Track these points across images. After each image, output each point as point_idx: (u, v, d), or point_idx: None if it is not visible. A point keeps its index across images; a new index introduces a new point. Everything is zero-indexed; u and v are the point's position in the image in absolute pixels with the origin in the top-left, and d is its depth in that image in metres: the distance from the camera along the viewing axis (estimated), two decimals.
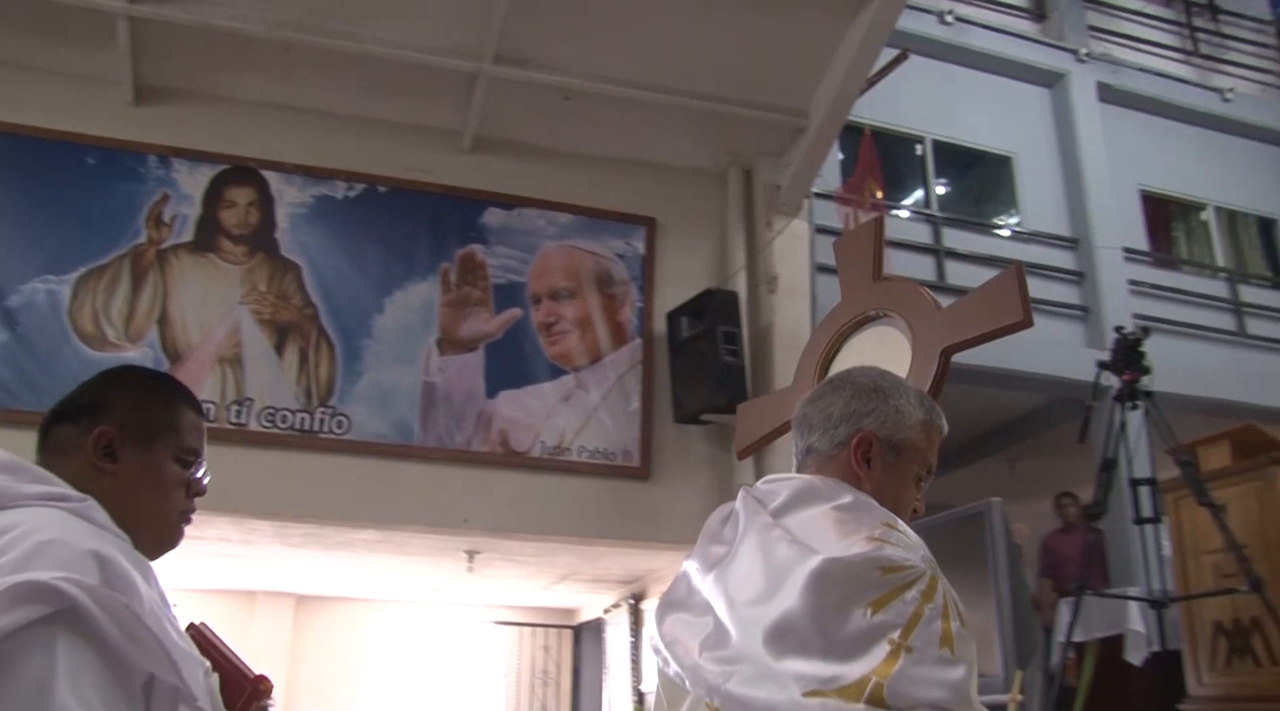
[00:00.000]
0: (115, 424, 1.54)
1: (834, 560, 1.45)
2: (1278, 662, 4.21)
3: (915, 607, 1.41)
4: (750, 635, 1.46)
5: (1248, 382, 9.51)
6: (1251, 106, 11.05)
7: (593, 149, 6.42)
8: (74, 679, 1.20)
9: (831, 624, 1.41)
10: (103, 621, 1.24)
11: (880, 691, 1.34)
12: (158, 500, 1.56)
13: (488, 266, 6.10)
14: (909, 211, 9.32)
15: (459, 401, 5.85)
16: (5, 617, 1.17)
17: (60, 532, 1.31)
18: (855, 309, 3.54)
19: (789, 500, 1.58)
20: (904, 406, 1.69)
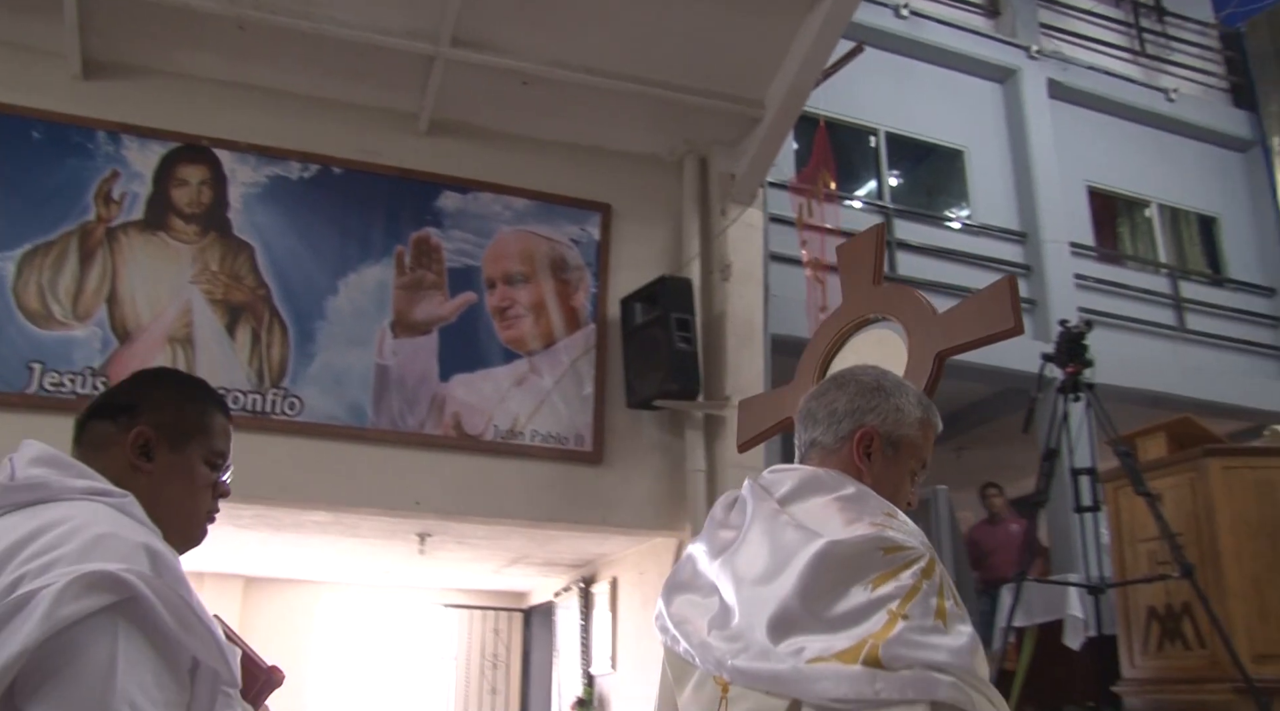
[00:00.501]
0: (152, 425, 1.61)
1: (837, 542, 1.53)
2: (1206, 646, 4.35)
3: (914, 582, 1.49)
4: (754, 615, 1.54)
5: (1186, 376, 9.75)
6: (1194, 107, 11.30)
7: (549, 134, 6.43)
8: (132, 664, 1.28)
9: (832, 601, 1.50)
10: (160, 610, 1.32)
11: (876, 652, 1.43)
12: (188, 499, 1.63)
13: (442, 250, 6.10)
14: (862, 202, 9.43)
15: (412, 384, 5.85)
16: (75, 605, 1.26)
17: (113, 526, 1.39)
18: (856, 311, 3.66)
19: (795, 489, 1.68)
20: (904, 405, 1.78)
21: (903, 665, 1.42)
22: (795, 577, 1.53)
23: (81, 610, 1.26)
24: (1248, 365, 10.63)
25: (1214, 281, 11.04)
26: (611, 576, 7.55)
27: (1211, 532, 4.47)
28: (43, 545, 1.34)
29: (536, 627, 9.90)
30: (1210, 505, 4.51)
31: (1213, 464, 4.56)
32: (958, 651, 1.45)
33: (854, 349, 3.91)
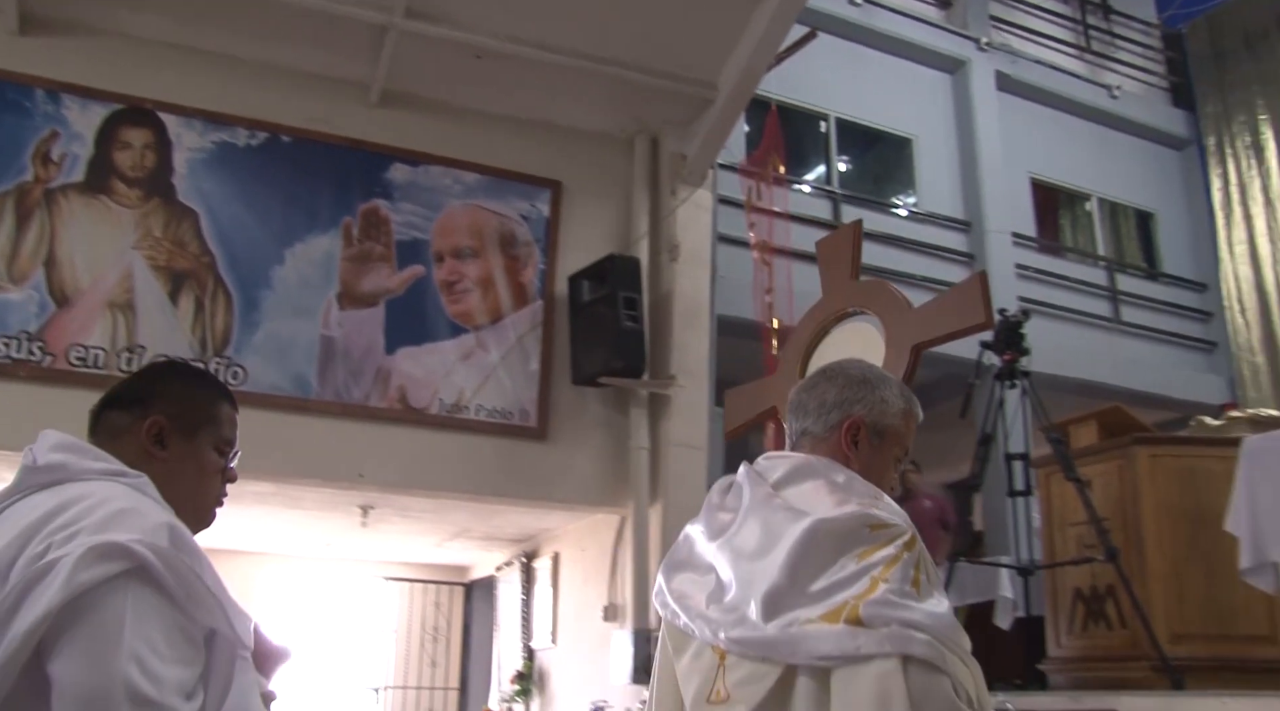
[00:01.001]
0: (165, 414, 1.73)
1: (826, 519, 1.66)
2: (1127, 626, 4.50)
3: (896, 552, 1.62)
4: (748, 589, 1.67)
5: (1120, 367, 10.00)
6: (1137, 105, 11.55)
7: (501, 109, 6.42)
8: (140, 622, 1.40)
9: (821, 574, 1.62)
10: (167, 578, 1.43)
11: (856, 611, 1.55)
12: (199, 484, 1.76)
13: (391, 222, 6.07)
14: (810, 187, 9.52)
15: (358, 356, 5.84)
16: (91, 571, 1.38)
17: (133, 503, 1.52)
18: (835, 305, 3.82)
19: (788, 474, 1.80)
20: (888, 396, 1.90)
21: (881, 622, 1.54)
22: (786, 553, 1.64)
23: (97, 576, 1.37)
24: (1178, 357, 10.93)
25: (1149, 275, 11.31)
26: (553, 551, 7.60)
27: (1136, 518, 4.60)
28: (68, 518, 1.45)
29: (478, 601, 9.93)
30: (1136, 491, 4.64)
31: (1140, 452, 4.69)
32: (933, 615, 1.56)
33: (834, 341, 4.04)
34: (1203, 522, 4.37)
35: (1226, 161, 11.17)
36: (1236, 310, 10.85)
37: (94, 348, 5.33)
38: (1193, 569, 4.47)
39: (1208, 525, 4.22)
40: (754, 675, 1.60)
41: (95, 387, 5.28)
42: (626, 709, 5.06)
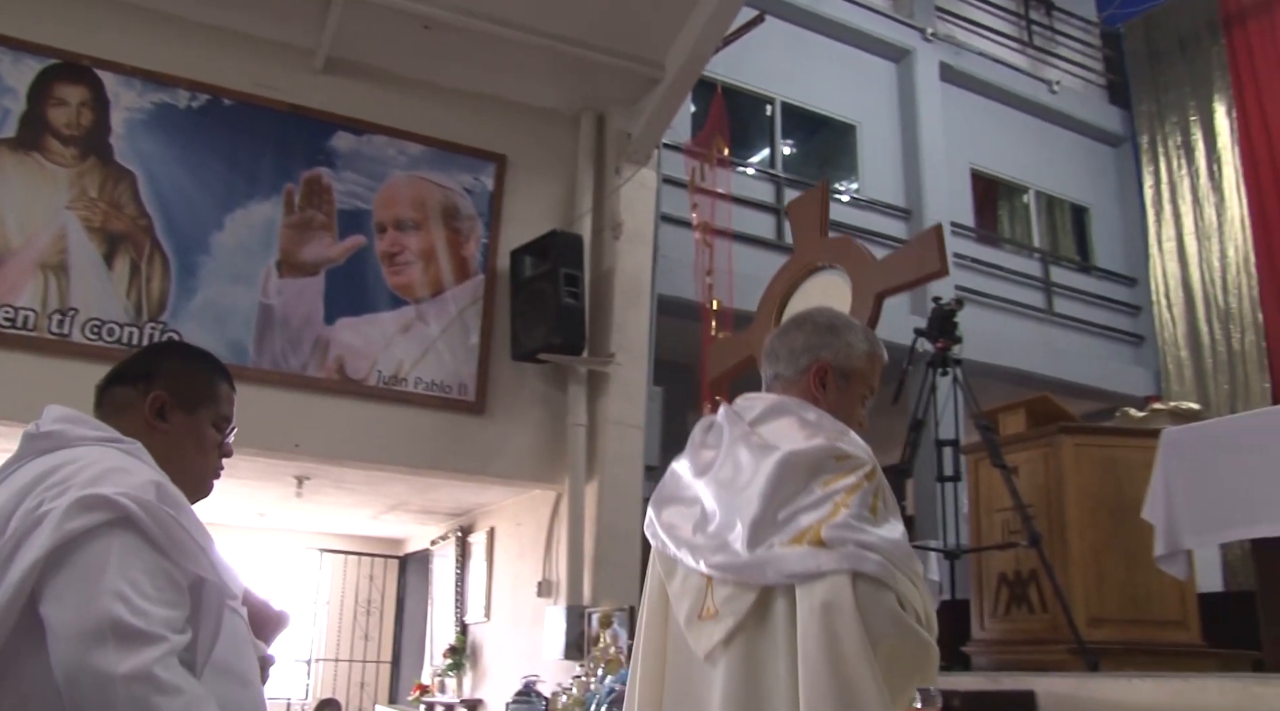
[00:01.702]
0: (168, 390, 1.85)
1: (796, 451, 1.85)
2: (1048, 610, 4.61)
3: (857, 481, 1.80)
4: (729, 517, 1.86)
5: (1052, 357, 10.23)
6: (1075, 100, 11.77)
7: (448, 81, 6.37)
8: (124, 565, 1.48)
9: (792, 500, 1.81)
10: (151, 527, 1.52)
11: (818, 534, 1.74)
12: (198, 457, 1.88)
13: (333, 191, 6.01)
14: (755, 170, 9.58)
15: (296, 325, 5.78)
16: (76, 521, 1.48)
17: (122, 463, 1.62)
18: (806, 259, 4.03)
19: (763, 413, 1.99)
20: (853, 341, 2.09)
21: (839, 544, 1.72)
22: (762, 482, 1.83)
23: (83, 524, 1.47)
24: (1108, 350, 11.21)
25: (1082, 268, 11.57)
26: (489, 526, 7.61)
27: (1060, 505, 4.71)
28: (61, 476, 1.56)
29: (412, 575, 9.92)
30: (1060, 479, 4.75)
31: (1065, 441, 4.78)
32: (887, 539, 1.74)
33: (805, 293, 4.21)
34: (1123, 511, 4.48)
35: (1159, 160, 11.44)
36: (1164, 305, 11.15)
37: (24, 309, 5.21)
38: (1112, 555, 4.59)
39: (1128, 513, 4.34)
40: (736, 594, 1.80)
41: (24, 350, 5.21)
42: (558, 683, 5.10)
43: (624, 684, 4.07)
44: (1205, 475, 3.79)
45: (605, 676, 4.45)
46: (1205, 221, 10.84)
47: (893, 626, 1.70)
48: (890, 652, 1.70)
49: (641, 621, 2.03)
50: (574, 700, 4.61)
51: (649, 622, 2.00)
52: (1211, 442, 3.87)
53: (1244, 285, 10.29)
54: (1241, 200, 10.45)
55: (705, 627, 1.83)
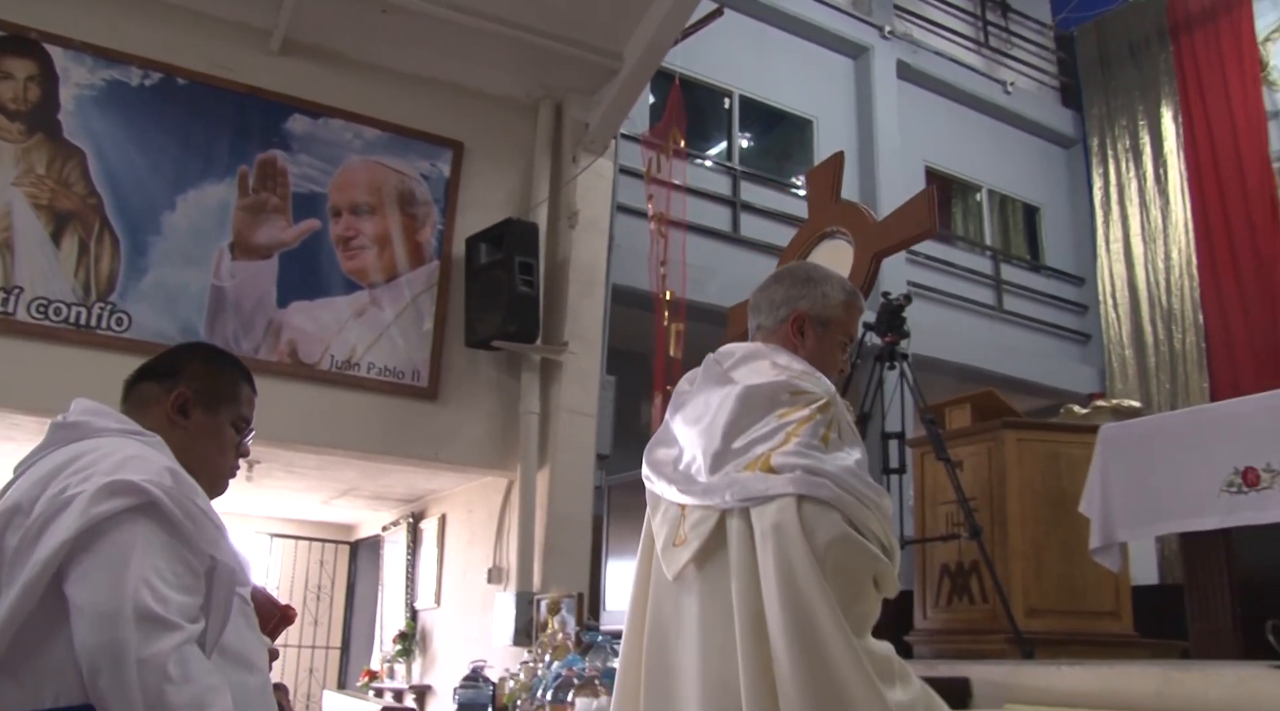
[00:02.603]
0: (191, 388, 1.93)
1: (752, 385, 2.01)
2: (988, 601, 4.71)
3: (809, 414, 1.94)
4: (695, 452, 2.03)
5: (1000, 353, 10.39)
6: (1029, 101, 11.95)
7: (406, 66, 6.35)
8: (148, 550, 1.56)
9: (748, 431, 1.96)
10: (174, 511, 1.61)
11: (768, 461, 1.89)
12: (216, 455, 1.96)
13: (288, 173, 5.97)
14: (712, 162, 9.63)
15: (248, 308, 5.74)
16: (102, 506, 1.55)
17: (141, 452, 1.71)
18: (817, 226, 4.33)
19: (740, 358, 2.15)
20: (829, 291, 2.22)
21: (787, 469, 1.86)
22: (723, 416, 1.99)
23: (109, 509, 1.55)
24: (1055, 347, 11.41)
25: (1032, 267, 11.76)
26: (441, 513, 7.61)
27: (1002, 498, 4.80)
28: (84, 463, 1.64)
29: (363, 561, 9.89)
30: (1003, 473, 4.84)
31: (1008, 436, 4.87)
32: (838, 466, 1.87)
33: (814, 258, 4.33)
34: (1063, 505, 4.58)
35: (1108, 162, 11.65)
36: (1110, 305, 11.37)
37: None
38: (1051, 548, 4.69)
39: (1067, 507, 4.43)
40: (701, 519, 1.96)
41: None
42: (506, 669, 5.13)
43: (571, 669, 4.12)
44: (1139, 471, 3.89)
45: (552, 662, 4.49)
46: (1151, 224, 11.06)
47: (836, 542, 1.82)
48: (837, 565, 1.81)
49: (637, 557, 2.18)
50: (521, 685, 4.65)
51: (640, 557, 2.16)
52: (1146, 439, 3.97)
53: (1186, 287, 10.52)
54: (1186, 204, 10.68)
55: (676, 552, 1.99)
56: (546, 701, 3.98)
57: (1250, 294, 9.88)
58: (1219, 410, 4.01)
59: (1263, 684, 2.40)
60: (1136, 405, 5.99)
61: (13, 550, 1.56)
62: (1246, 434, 3.55)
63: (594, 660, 4.17)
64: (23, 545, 1.55)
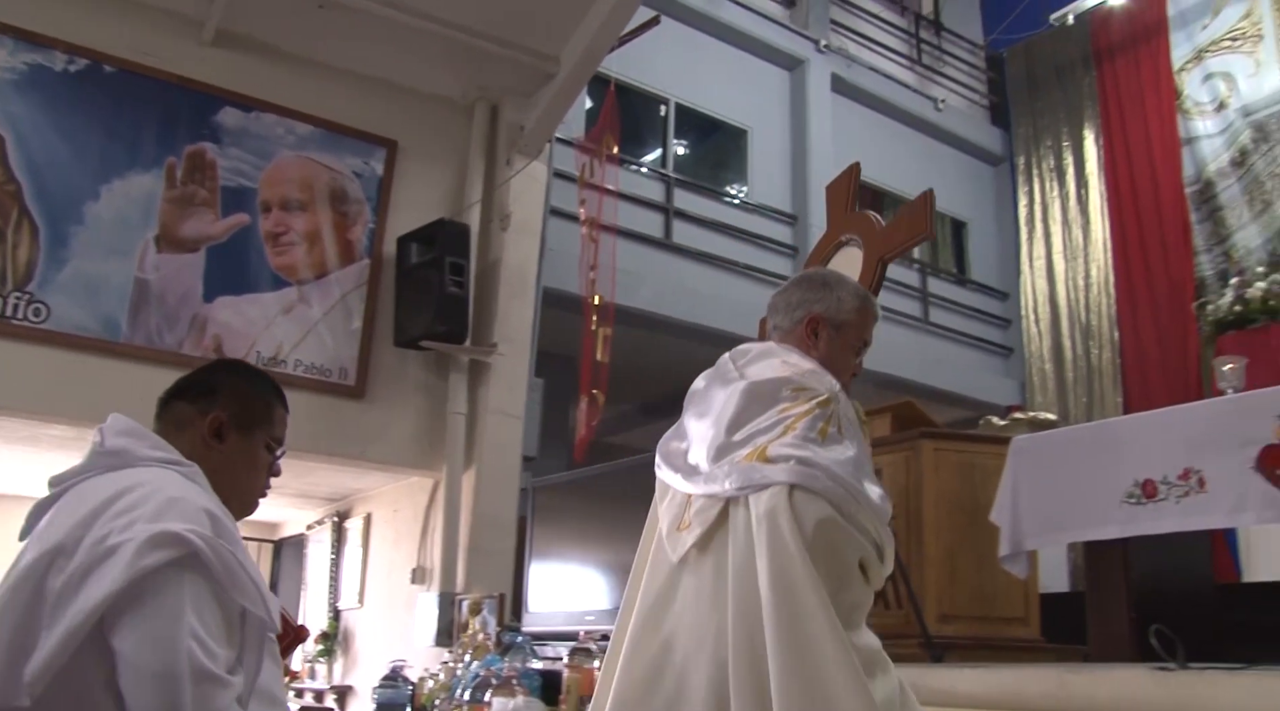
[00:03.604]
0: (227, 411, 1.96)
1: (756, 381, 2.13)
2: (903, 607, 4.84)
3: (809, 408, 2.04)
4: (701, 444, 2.14)
5: (925, 365, 10.59)
6: (959, 119, 12.21)
7: (342, 62, 6.31)
8: (197, 605, 1.60)
9: (749, 424, 2.06)
10: (215, 564, 1.64)
11: (765, 452, 1.99)
12: (248, 477, 2.01)
13: (218, 167, 5.90)
14: (646, 169, 9.70)
15: (173, 302, 5.66)
16: (149, 558, 1.57)
17: (181, 491, 1.73)
18: (834, 235, 4.67)
19: (753, 356, 2.26)
20: (843, 296, 2.35)
21: (782, 460, 1.96)
22: (729, 410, 2.10)
23: (155, 562, 1.58)
24: (978, 360, 11.67)
25: (958, 281, 12.01)
26: (366, 512, 7.57)
27: (918, 506, 4.91)
28: (124, 505, 1.66)
29: (286, 560, 9.76)
30: (920, 482, 4.95)
31: (925, 445, 4.98)
32: (833, 460, 1.97)
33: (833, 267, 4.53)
34: (977, 514, 4.70)
35: (1033, 181, 11.95)
36: (1032, 320, 11.65)
37: None
38: (965, 555, 4.81)
39: (981, 516, 4.55)
40: (705, 507, 2.06)
41: None
42: (425, 669, 5.13)
43: (489, 669, 4.14)
44: (1047, 481, 4.03)
45: (472, 662, 4.50)
46: (1072, 242, 11.37)
47: (822, 523, 1.91)
48: (824, 546, 1.91)
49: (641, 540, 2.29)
50: (440, 685, 4.65)
51: (644, 539, 2.27)
52: (1054, 451, 4.12)
53: (1104, 304, 10.84)
54: (1105, 224, 11.00)
55: (680, 537, 2.09)
56: (464, 701, 4.00)
57: (1163, 313, 10.21)
58: (1122, 424, 4.17)
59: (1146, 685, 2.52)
60: (1052, 418, 6.17)
61: (55, 593, 1.58)
62: (1147, 448, 3.70)
63: (513, 660, 4.20)
64: (65, 590, 1.57)
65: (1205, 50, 10.55)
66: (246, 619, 1.69)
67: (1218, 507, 3.41)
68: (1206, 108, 10.46)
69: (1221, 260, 9.88)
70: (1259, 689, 2.35)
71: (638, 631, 2.10)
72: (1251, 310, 5.83)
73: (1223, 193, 10.10)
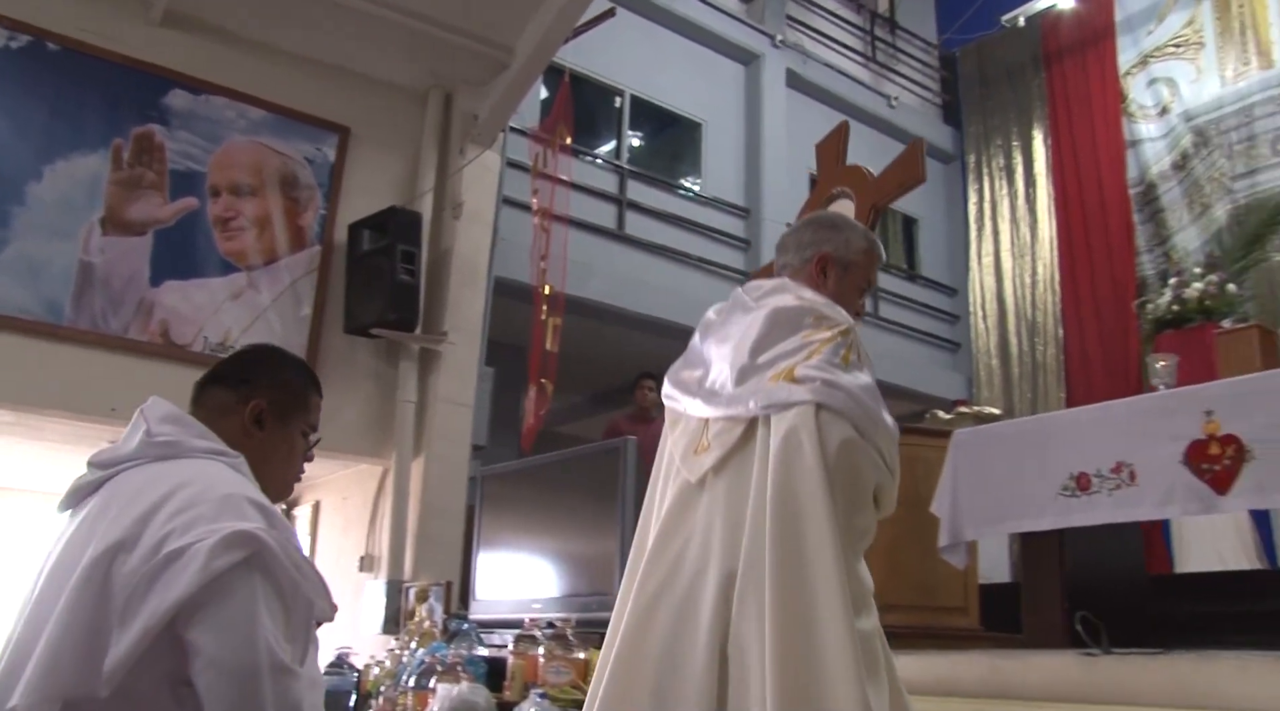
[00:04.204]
0: (267, 399, 2.01)
1: (780, 306, 2.23)
2: None
3: (831, 335, 2.14)
4: (725, 367, 2.22)
5: (876, 360, 10.61)
6: (911, 116, 12.35)
7: (295, 47, 6.25)
8: (267, 602, 1.69)
9: (774, 348, 2.15)
10: (281, 559, 1.72)
11: (793, 372, 2.08)
12: (287, 463, 2.07)
13: (166, 149, 5.83)
14: (600, 160, 9.72)
15: (119, 286, 5.59)
16: (224, 558, 1.65)
17: (232, 487, 1.80)
18: (826, 189, 4.72)
19: (768, 291, 2.34)
20: (852, 238, 2.43)
21: (809, 381, 2.05)
22: (752, 334, 2.18)
23: (229, 562, 1.66)
24: (927, 355, 11.83)
25: (909, 276, 12.16)
26: (315, 499, 7.53)
27: None
28: (180, 503, 1.73)
29: None
30: None
31: None
32: (855, 383, 2.07)
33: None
34: (920, 506, 4.77)
35: (983, 179, 12.14)
36: (979, 316, 11.85)
37: None
38: (908, 546, 4.89)
39: (924, 509, 4.63)
40: (726, 428, 2.14)
41: None
42: (371, 656, 5.12)
43: (434, 656, 4.15)
44: (985, 474, 4.12)
45: (418, 649, 4.51)
46: (1020, 240, 11.56)
47: (846, 443, 2.01)
48: (846, 466, 2.00)
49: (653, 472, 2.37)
50: (386, 672, 4.65)
51: (655, 472, 2.36)
52: (994, 444, 4.21)
53: (1049, 302, 11.05)
54: (1052, 223, 11.21)
55: (699, 459, 2.17)
56: (409, 687, 4.01)
57: (1106, 311, 10.43)
58: (1059, 419, 4.27)
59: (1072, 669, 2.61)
60: (996, 412, 6.29)
61: (125, 592, 1.66)
62: (1082, 442, 3.80)
63: (459, 647, 4.21)
64: (136, 590, 1.65)
65: (1150, 55, 10.78)
66: (302, 608, 1.77)
67: (1147, 500, 3.51)
68: (1150, 112, 10.68)
69: (1162, 260, 10.10)
70: (1174, 672, 2.47)
71: (654, 550, 2.17)
72: (1188, 310, 5.97)
73: (1164, 195, 10.34)
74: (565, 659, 3.58)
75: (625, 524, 4.74)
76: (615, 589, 4.71)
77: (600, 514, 4.95)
